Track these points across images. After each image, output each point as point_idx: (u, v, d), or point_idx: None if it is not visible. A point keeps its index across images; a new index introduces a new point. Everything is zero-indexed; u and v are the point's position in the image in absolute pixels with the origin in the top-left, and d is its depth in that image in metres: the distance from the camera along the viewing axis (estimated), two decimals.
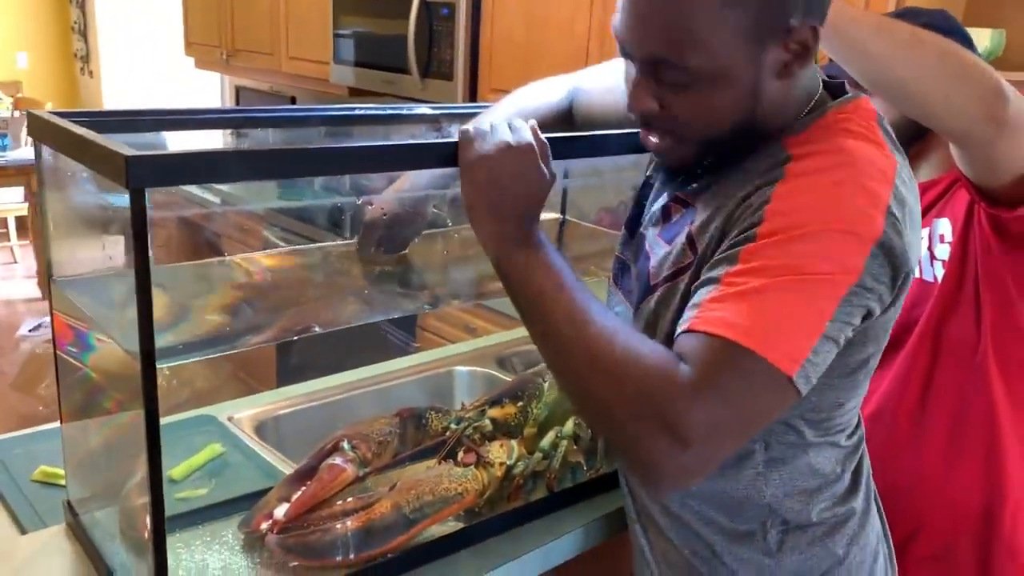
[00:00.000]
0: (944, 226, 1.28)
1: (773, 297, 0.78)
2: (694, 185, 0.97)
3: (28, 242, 5.41)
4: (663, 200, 1.03)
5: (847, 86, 0.96)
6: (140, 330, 0.78)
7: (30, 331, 3.83)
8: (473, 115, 1.28)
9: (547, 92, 1.27)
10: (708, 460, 0.78)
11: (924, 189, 1.33)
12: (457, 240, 1.33)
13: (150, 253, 0.76)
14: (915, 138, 1.32)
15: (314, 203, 3.28)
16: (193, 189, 3.19)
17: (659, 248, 0.99)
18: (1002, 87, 1.01)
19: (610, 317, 0.84)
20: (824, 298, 0.79)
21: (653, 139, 0.93)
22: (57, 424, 1.58)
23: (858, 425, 1.04)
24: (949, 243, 1.27)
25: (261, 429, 1.51)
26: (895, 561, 1.11)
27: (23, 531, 1.18)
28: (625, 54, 0.89)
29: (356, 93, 3.46)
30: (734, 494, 0.98)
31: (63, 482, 1.37)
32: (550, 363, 0.86)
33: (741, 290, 0.79)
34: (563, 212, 1.48)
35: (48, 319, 3.53)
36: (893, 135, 0.93)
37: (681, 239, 0.95)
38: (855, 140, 0.87)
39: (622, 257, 1.11)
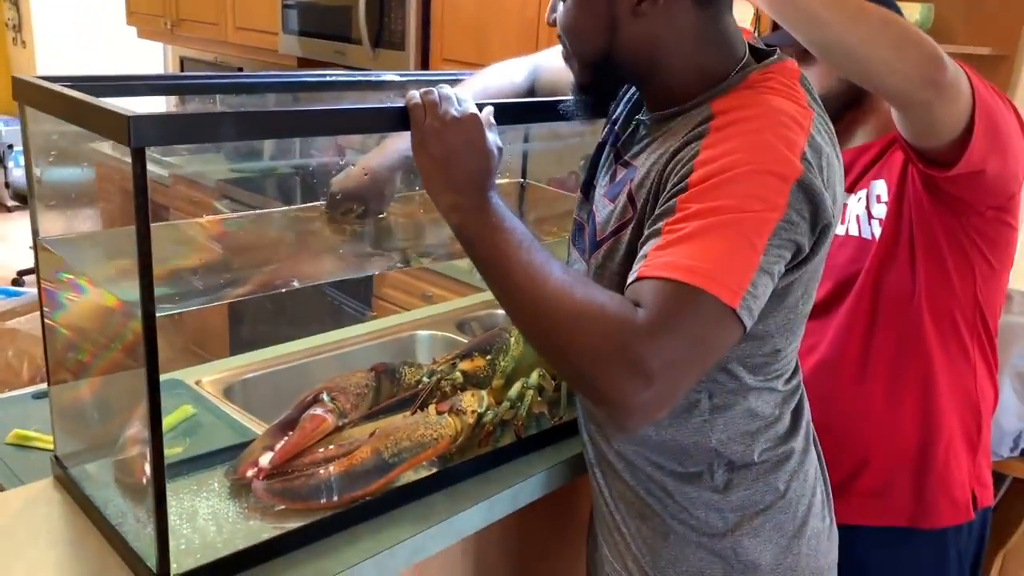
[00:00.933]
0: (880, 187, 1.37)
1: (710, 236, 0.85)
2: (633, 149, 1.04)
3: None
4: (609, 163, 1.10)
5: (779, 52, 1.03)
6: (141, 284, 0.82)
7: None
8: (439, 82, 1.32)
9: (509, 73, 1.33)
10: (670, 394, 0.84)
11: (861, 152, 1.42)
12: (425, 202, 1.38)
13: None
14: (852, 104, 1.40)
15: (266, 173, 3.28)
16: None
17: (604, 207, 1.06)
18: (940, 53, 1.09)
19: (568, 272, 0.90)
20: (756, 233, 0.86)
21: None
22: (27, 390, 1.61)
23: (795, 372, 1.11)
24: (886, 203, 1.36)
25: (229, 392, 1.55)
26: (831, 496, 1.19)
27: (1, 489, 1.22)
28: None
29: (305, 64, 3.44)
30: (683, 441, 1.06)
31: (39, 444, 1.40)
32: (516, 320, 0.92)
33: (681, 235, 0.86)
34: (523, 176, 1.53)
35: None
36: (815, 94, 1.01)
37: (623, 197, 1.02)
38: (774, 95, 0.94)
39: (578, 219, 1.17)
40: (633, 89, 1.13)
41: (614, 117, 1.15)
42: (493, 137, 0.97)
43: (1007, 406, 1.72)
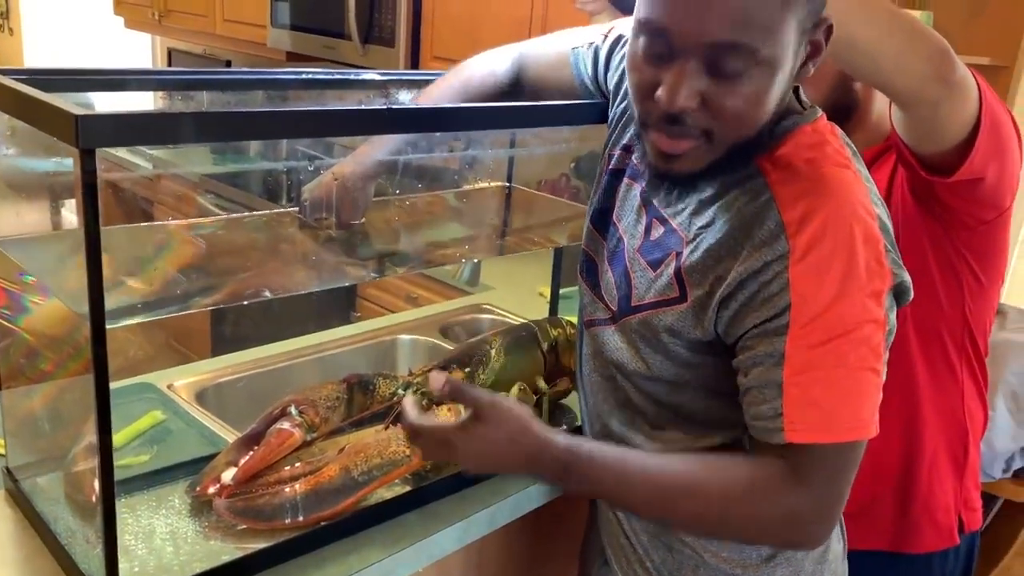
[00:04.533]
0: None
1: (838, 381, 0.86)
2: (675, 207, 0.97)
3: None
4: (638, 208, 1.02)
5: (800, 91, 0.97)
6: (90, 292, 0.77)
7: None
8: (422, 82, 1.28)
9: (491, 64, 1.26)
10: (834, 522, 0.92)
11: None
12: (404, 208, 1.33)
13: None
14: (841, 118, 1.36)
15: (250, 169, 3.23)
16: (123, 154, 3.10)
17: (641, 270, 1.00)
18: (949, 49, 1.04)
19: (675, 467, 0.91)
20: (876, 357, 0.87)
21: (677, 141, 0.88)
22: None
23: None
24: None
25: (202, 397, 1.50)
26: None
27: None
28: (659, 47, 0.84)
29: (294, 58, 3.39)
30: None
31: None
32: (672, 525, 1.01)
33: (809, 393, 0.86)
34: (509, 180, 1.49)
35: None
36: (851, 143, 0.97)
37: (669, 272, 0.95)
38: (835, 175, 0.90)
39: (589, 251, 1.11)
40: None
41: (624, 143, 1.07)
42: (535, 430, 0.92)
43: (1000, 426, 1.68)
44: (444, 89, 1.22)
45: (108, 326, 0.78)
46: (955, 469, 1.36)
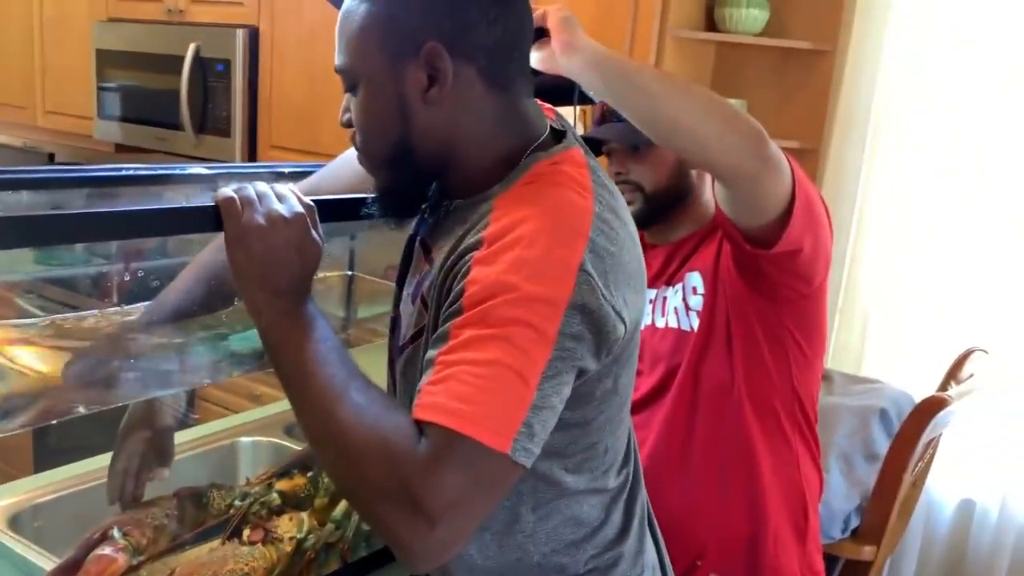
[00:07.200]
0: (696, 279, 1.40)
1: (478, 374, 0.80)
2: (437, 243, 0.98)
3: None
4: (418, 256, 1.04)
5: (568, 137, 0.98)
6: None
7: None
8: (252, 174, 1.25)
9: (336, 171, 1.25)
10: (456, 535, 0.80)
11: (678, 246, 1.46)
12: (237, 307, 1.27)
13: None
14: (680, 200, 1.44)
15: (78, 270, 3.05)
16: None
17: (406, 307, 1.01)
18: (762, 130, 1.14)
19: (367, 392, 0.83)
20: (527, 369, 0.80)
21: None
22: None
23: (626, 461, 1.05)
24: (702, 295, 1.38)
25: (16, 521, 1.36)
26: None
27: None
28: None
29: (124, 150, 3.27)
30: (506, 560, 0.98)
31: None
32: (307, 440, 0.86)
33: (451, 372, 0.80)
34: (351, 268, 1.46)
35: None
36: (607, 181, 0.96)
37: (419, 299, 0.97)
38: (556, 189, 0.89)
39: (394, 315, 1.09)
40: None
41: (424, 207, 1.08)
42: (316, 236, 0.90)
43: (835, 488, 1.76)
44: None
45: None
46: (797, 536, 1.41)
